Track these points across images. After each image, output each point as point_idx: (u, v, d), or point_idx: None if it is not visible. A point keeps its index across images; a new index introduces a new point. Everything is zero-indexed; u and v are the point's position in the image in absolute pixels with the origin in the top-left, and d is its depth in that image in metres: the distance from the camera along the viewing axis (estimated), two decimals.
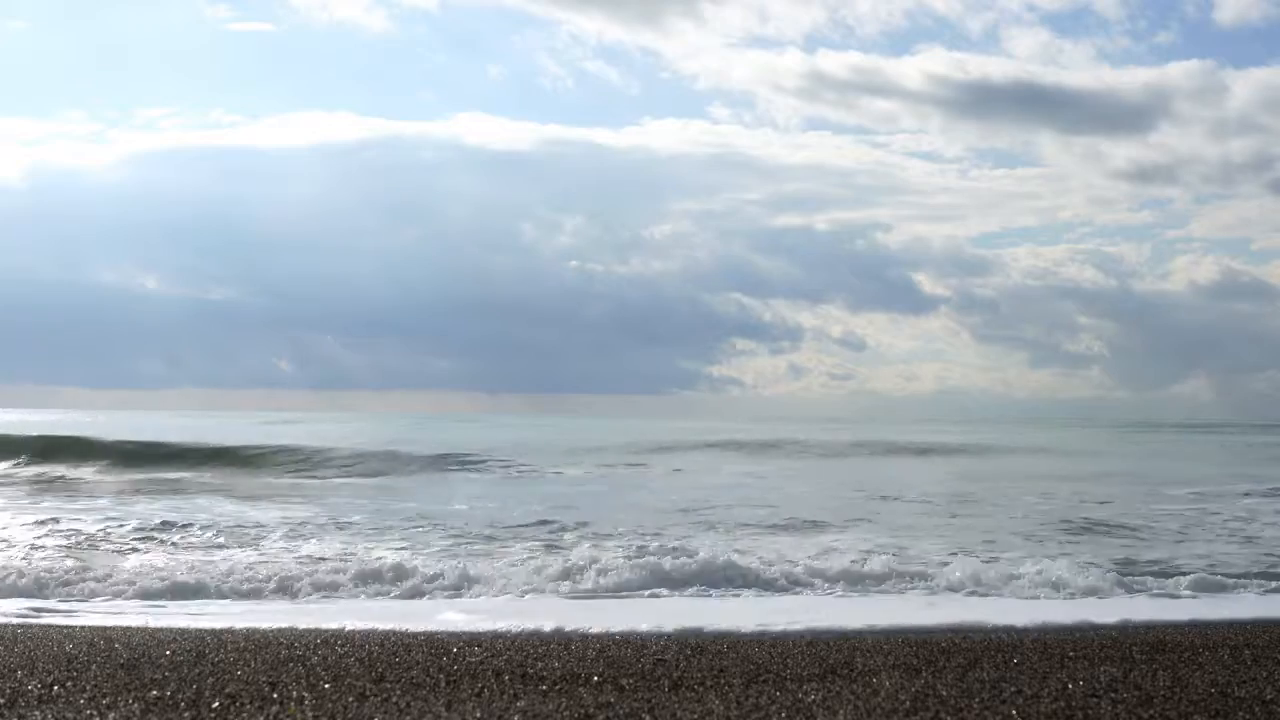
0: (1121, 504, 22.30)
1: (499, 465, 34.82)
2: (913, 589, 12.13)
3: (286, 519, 18.77)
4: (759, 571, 12.55)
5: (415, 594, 11.80)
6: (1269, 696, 6.23)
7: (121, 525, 17.30)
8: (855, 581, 12.38)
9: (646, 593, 11.82)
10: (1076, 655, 7.75)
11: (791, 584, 12.26)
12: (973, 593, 11.93)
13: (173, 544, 15.49)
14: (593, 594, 11.78)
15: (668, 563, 12.64)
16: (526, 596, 11.65)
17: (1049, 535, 17.39)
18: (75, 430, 46.53)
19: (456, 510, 20.96)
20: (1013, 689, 6.35)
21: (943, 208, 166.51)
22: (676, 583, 12.10)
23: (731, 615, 10.02)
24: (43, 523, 17.58)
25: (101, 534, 16.28)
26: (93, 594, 11.56)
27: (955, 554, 14.37)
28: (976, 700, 6.05)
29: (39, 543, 15.05)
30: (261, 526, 17.58)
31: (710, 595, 11.71)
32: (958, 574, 12.49)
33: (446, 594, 11.81)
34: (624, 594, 11.74)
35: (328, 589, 11.90)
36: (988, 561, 13.58)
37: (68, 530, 16.59)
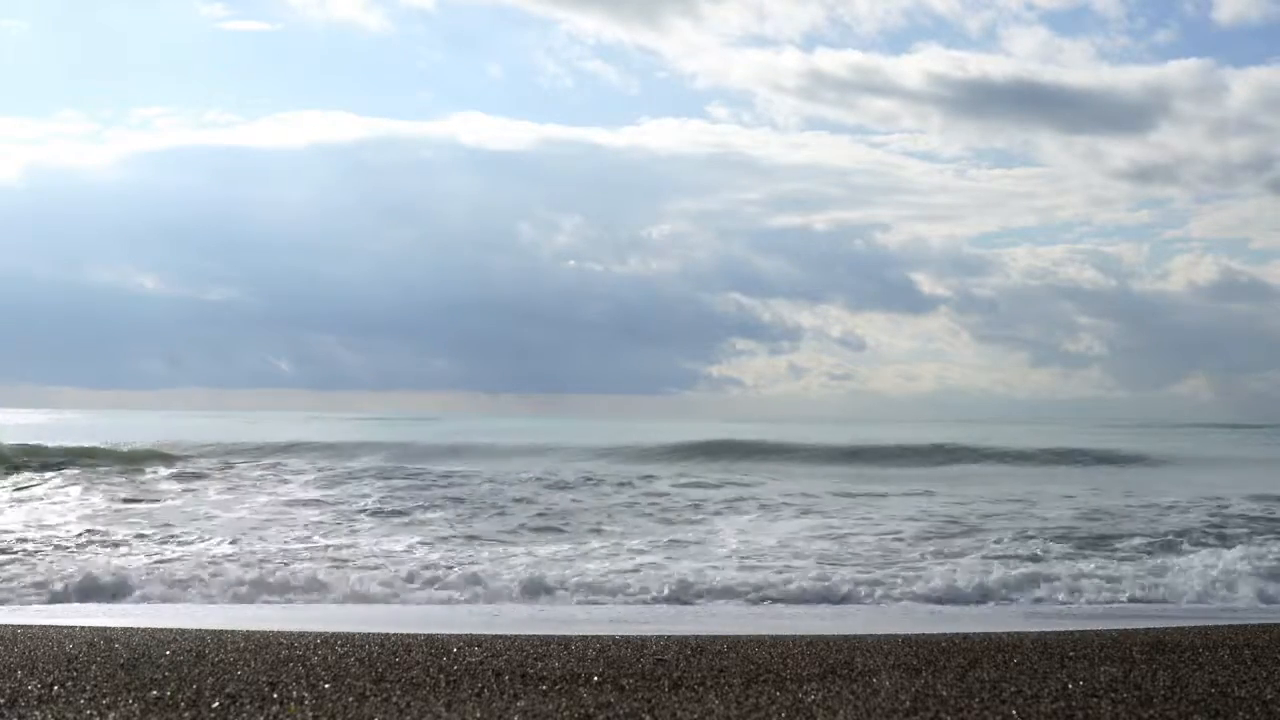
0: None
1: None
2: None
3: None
4: None
5: None
6: (1269, 696, 6.23)
7: None
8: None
9: None
10: (1076, 655, 7.75)
11: None
12: None
13: None
14: None
15: None
16: None
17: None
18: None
19: None
20: (1013, 689, 6.35)
21: (941, 208, 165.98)
22: None
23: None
24: None
25: None
26: None
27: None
28: (976, 700, 6.05)
29: None
30: None
31: None
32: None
33: None
34: None
35: None
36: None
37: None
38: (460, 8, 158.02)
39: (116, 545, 15.13)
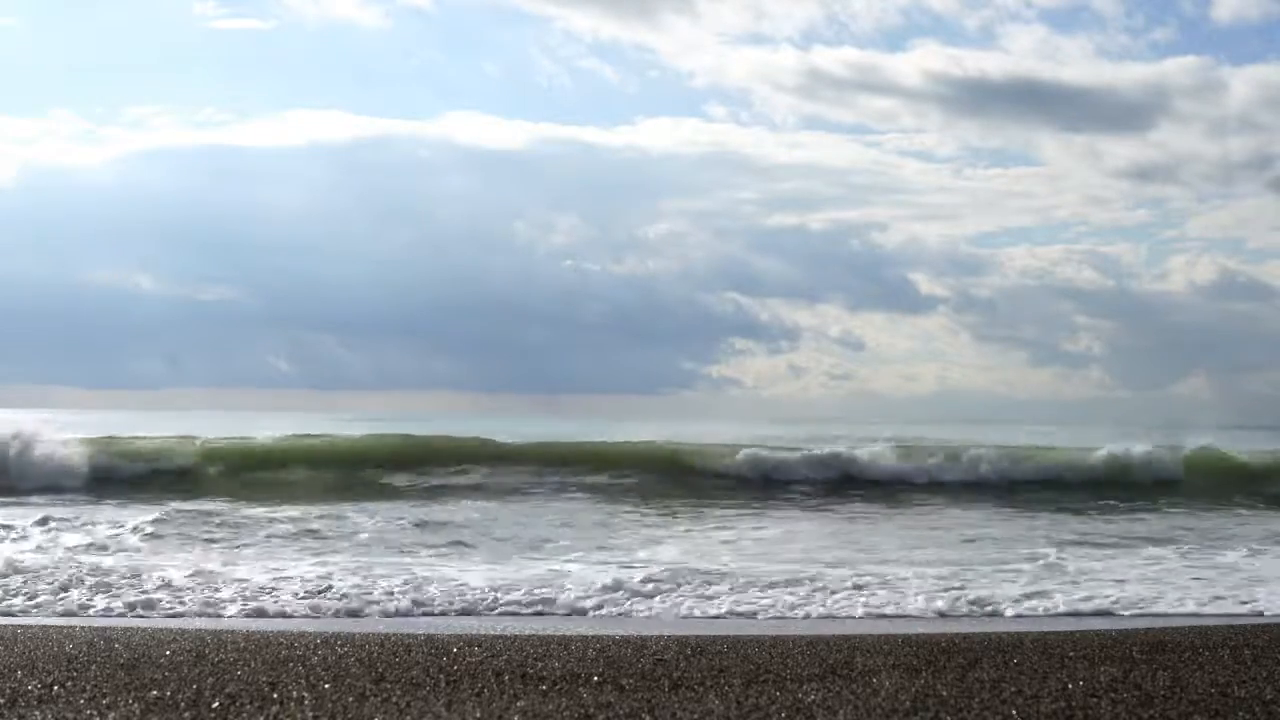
0: None
1: None
2: None
3: None
4: None
5: None
6: (1269, 696, 6.22)
7: None
8: None
9: None
10: (1076, 655, 7.75)
11: None
12: None
13: None
14: None
15: None
16: None
17: None
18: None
19: None
20: (1013, 689, 6.35)
21: (939, 207, 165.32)
22: None
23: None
24: None
25: None
26: None
27: None
28: (976, 700, 6.05)
29: None
30: None
31: None
32: None
33: None
34: None
35: None
36: None
37: None
38: (457, 5, 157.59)
39: None
